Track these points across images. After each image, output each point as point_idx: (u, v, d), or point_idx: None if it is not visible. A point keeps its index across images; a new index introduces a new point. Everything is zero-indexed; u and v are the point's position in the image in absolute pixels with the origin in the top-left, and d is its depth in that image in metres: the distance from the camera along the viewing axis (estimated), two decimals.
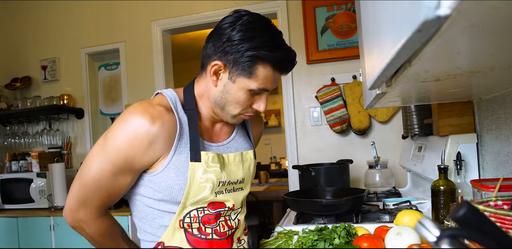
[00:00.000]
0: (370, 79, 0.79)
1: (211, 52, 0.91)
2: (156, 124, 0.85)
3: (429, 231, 0.41)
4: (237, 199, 1.02)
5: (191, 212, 0.95)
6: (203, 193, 0.93)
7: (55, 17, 3.15)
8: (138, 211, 0.98)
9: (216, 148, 0.99)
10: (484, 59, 0.56)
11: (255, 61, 0.87)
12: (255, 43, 0.86)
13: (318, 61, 2.44)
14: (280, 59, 0.88)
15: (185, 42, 4.11)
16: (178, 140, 0.90)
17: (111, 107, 3.15)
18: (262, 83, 0.90)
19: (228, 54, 0.88)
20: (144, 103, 0.90)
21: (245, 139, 1.09)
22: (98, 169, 0.87)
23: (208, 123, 1.01)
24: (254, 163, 1.08)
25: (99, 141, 0.90)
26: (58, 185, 2.61)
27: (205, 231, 0.96)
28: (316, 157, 2.41)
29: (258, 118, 1.19)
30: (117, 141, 0.85)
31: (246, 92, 0.91)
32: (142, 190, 0.94)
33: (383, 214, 1.36)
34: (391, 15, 0.48)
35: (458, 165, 1.20)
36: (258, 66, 0.88)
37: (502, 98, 1.06)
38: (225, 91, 0.93)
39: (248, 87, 0.90)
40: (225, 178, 0.97)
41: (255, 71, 0.88)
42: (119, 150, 0.85)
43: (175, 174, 0.90)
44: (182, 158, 0.91)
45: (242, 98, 0.92)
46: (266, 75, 0.89)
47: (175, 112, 0.91)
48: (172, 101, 0.93)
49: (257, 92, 0.92)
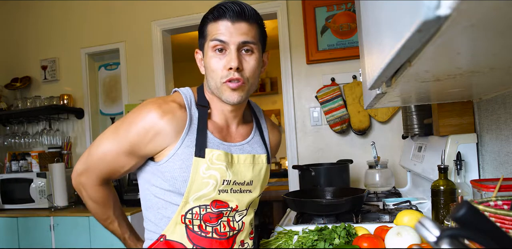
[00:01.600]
0: (370, 79, 0.79)
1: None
2: (164, 118, 0.92)
3: (429, 231, 0.41)
4: (242, 200, 1.02)
5: (193, 209, 0.96)
6: (206, 189, 0.95)
7: (55, 17, 3.15)
8: (146, 200, 1.03)
9: (228, 147, 1.01)
10: (484, 59, 0.56)
11: (203, 25, 0.96)
12: (204, 16, 0.96)
13: (318, 61, 2.44)
14: (217, 10, 0.93)
15: (185, 42, 4.11)
16: (186, 134, 0.95)
17: (111, 107, 3.15)
18: (213, 36, 0.93)
19: (199, 38, 0.99)
20: (160, 99, 0.97)
21: (261, 145, 1.10)
22: (105, 146, 0.97)
23: (223, 122, 1.03)
24: (266, 167, 1.08)
25: (116, 122, 0.99)
26: (58, 185, 2.61)
27: (205, 229, 0.98)
28: (316, 157, 2.41)
29: (276, 129, 1.20)
30: (128, 128, 0.94)
31: (211, 55, 0.94)
32: (150, 178, 0.99)
33: (383, 214, 1.36)
34: (391, 15, 0.48)
35: (458, 165, 1.20)
36: (206, 27, 0.95)
37: (502, 98, 1.06)
38: (206, 70, 0.98)
39: (208, 48, 0.94)
40: (230, 177, 0.98)
41: (206, 32, 0.95)
42: (127, 135, 0.94)
43: (179, 166, 0.94)
44: (188, 152, 0.94)
45: (211, 62, 0.94)
46: (213, 28, 0.93)
47: (187, 109, 0.97)
48: (186, 99, 0.99)
49: (218, 48, 0.92)
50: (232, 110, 1.01)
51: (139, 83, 2.91)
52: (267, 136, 1.14)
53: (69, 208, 2.62)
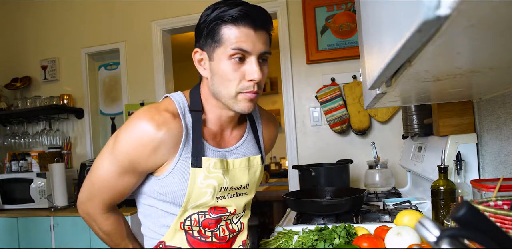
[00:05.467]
0: (370, 79, 0.79)
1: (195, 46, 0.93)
2: (161, 131, 0.87)
3: (429, 231, 0.41)
4: (239, 204, 1.01)
5: (192, 216, 0.95)
6: (204, 198, 0.94)
7: (55, 17, 3.15)
8: (143, 208, 1.00)
9: (222, 153, 0.98)
10: (484, 59, 0.56)
11: (216, 27, 0.86)
12: (213, 14, 0.86)
13: (318, 61, 2.44)
14: (237, 13, 0.83)
15: (185, 42, 4.10)
16: (183, 146, 0.91)
17: (111, 107, 3.15)
18: (233, 43, 0.84)
19: (199, 37, 0.90)
20: (152, 108, 0.90)
21: (254, 143, 1.06)
22: (105, 169, 0.92)
23: (216, 128, 0.98)
24: (261, 168, 1.06)
25: (109, 142, 0.93)
26: (58, 185, 2.61)
27: (205, 234, 0.97)
28: (316, 157, 2.40)
29: (271, 122, 1.15)
30: (124, 145, 0.89)
31: (227, 63, 0.86)
32: (147, 190, 0.96)
33: (383, 214, 1.36)
34: (391, 15, 0.48)
35: (458, 165, 1.20)
36: (221, 31, 0.85)
37: (502, 98, 1.06)
38: (213, 75, 0.90)
39: (224, 56, 0.85)
40: (227, 183, 0.96)
41: (222, 36, 0.85)
42: (126, 153, 0.88)
43: (179, 179, 0.91)
44: (187, 164, 0.91)
45: (227, 71, 0.86)
46: (233, 34, 0.84)
47: (182, 118, 0.91)
48: (179, 106, 0.93)
49: (238, 57, 0.85)
50: (233, 116, 0.97)
51: (139, 83, 2.91)
52: (261, 133, 1.10)
53: (69, 208, 2.61)
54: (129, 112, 2.89)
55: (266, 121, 1.13)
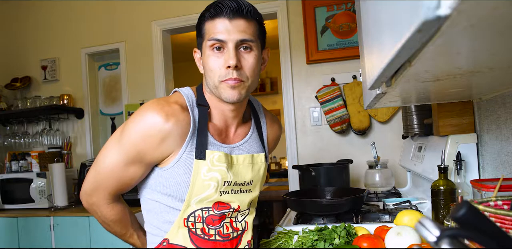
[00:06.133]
0: (370, 79, 0.79)
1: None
2: (169, 122, 0.89)
3: (429, 231, 0.41)
4: (243, 200, 1.01)
5: (195, 212, 0.96)
6: (207, 191, 0.94)
7: (55, 17, 3.15)
8: (146, 203, 1.01)
9: (227, 149, 0.99)
10: (484, 59, 0.56)
11: (201, 24, 0.94)
12: (201, 15, 0.94)
13: (318, 61, 2.44)
14: (213, 8, 0.90)
15: (185, 42, 4.10)
16: (190, 138, 0.93)
17: (111, 107, 3.15)
18: (210, 34, 0.90)
19: (196, 37, 0.97)
20: (161, 100, 0.93)
21: (258, 142, 1.08)
22: (112, 159, 0.93)
23: (222, 124, 1.01)
24: (265, 166, 1.07)
25: (117, 132, 0.94)
26: (58, 185, 2.61)
27: (208, 232, 0.97)
28: (316, 157, 2.40)
29: (276, 123, 1.18)
30: (132, 135, 0.90)
31: (209, 54, 0.91)
32: (152, 184, 0.97)
33: (383, 214, 1.36)
34: (391, 15, 0.48)
35: (458, 165, 1.20)
36: (204, 26, 0.93)
37: (502, 98, 1.06)
38: (204, 69, 0.95)
39: (206, 48, 0.92)
40: (231, 178, 0.97)
41: (203, 31, 0.93)
42: (133, 143, 0.90)
43: (183, 171, 0.93)
44: (192, 157, 0.93)
45: (209, 62, 0.91)
46: (211, 27, 0.91)
47: (190, 111, 0.94)
48: (188, 99, 0.96)
49: (216, 46, 0.90)
50: (232, 109, 0.98)
51: (139, 83, 2.91)
52: (265, 133, 1.12)
53: (69, 208, 2.62)
54: (129, 112, 2.89)
55: (271, 122, 1.15)
